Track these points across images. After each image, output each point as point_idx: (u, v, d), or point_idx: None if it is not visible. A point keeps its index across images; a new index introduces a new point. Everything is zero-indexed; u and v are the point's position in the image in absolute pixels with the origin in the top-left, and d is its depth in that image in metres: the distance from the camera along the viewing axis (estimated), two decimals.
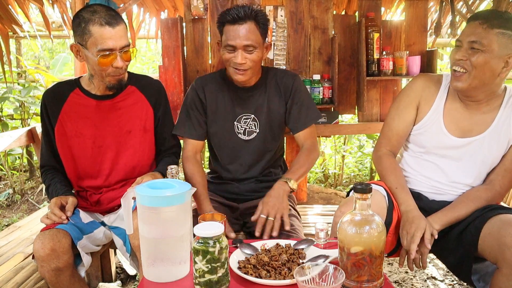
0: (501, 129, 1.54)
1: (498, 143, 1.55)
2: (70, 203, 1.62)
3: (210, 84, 1.84)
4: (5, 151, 4.21)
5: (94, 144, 1.69)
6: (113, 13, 1.54)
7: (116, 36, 1.51)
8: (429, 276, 2.53)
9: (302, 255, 1.26)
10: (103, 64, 1.53)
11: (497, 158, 1.58)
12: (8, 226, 2.66)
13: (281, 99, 1.83)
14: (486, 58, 1.42)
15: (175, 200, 1.12)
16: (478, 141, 1.56)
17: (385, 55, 2.39)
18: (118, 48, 1.53)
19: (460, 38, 1.48)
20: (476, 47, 1.42)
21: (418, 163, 1.68)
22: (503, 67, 1.44)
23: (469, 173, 1.60)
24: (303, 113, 1.82)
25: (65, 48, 7.19)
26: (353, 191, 1.07)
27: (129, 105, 1.71)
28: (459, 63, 1.47)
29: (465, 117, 1.58)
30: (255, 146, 1.84)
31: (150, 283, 1.15)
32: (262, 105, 1.82)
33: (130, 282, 2.49)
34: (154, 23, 3.78)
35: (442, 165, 1.62)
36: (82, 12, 1.54)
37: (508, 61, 1.44)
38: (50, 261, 1.47)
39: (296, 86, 1.83)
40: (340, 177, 4.41)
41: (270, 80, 1.83)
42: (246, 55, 1.65)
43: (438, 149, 1.62)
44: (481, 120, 1.56)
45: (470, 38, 1.43)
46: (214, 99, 1.83)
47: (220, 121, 1.84)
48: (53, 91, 1.72)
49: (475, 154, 1.57)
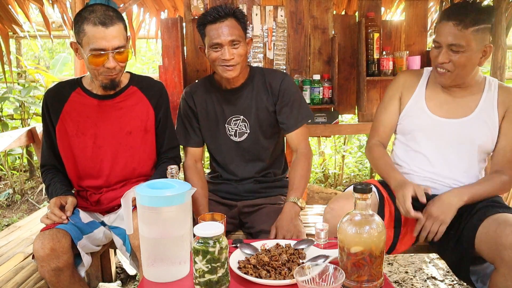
0: (487, 112, 1.59)
1: (487, 127, 1.59)
2: (69, 203, 1.62)
3: (198, 91, 1.86)
4: (5, 151, 4.21)
5: (94, 144, 1.69)
6: (111, 13, 1.54)
7: (109, 36, 1.50)
8: (429, 276, 2.53)
9: (302, 255, 1.26)
10: (94, 63, 1.53)
11: (487, 143, 1.60)
12: (8, 226, 2.66)
13: (269, 98, 1.81)
14: (467, 57, 1.50)
15: (175, 200, 1.12)
16: (464, 123, 1.60)
17: (385, 55, 2.39)
18: (111, 49, 1.52)
19: (437, 39, 1.53)
20: (455, 49, 1.49)
21: (409, 156, 1.70)
22: (481, 57, 1.53)
23: (462, 158, 1.61)
24: (294, 113, 1.80)
25: (65, 48, 7.19)
26: (353, 191, 1.07)
27: (130, 106, 1.71)
28: (442, 66, 1.54)
29: (447, 100, 1.64)
30: (248, 147, 1.84)
31: (150, 283, 1.15)
32: (250, 105, 1.81)
33: (130, 282, 2.49)
34: (154, 23, 3.78)
35: (431, 154, 1.64)
36: (82, 11, 1.55)
37: (485, 50, 1.52)
38: (50, 261, 1.47)
39: (285, 85, 1.81)
40: (340, 177, 4.41)
41: (258, 80, 1.83)
42: (232, 51, 1.67)
43: (424, 131, 1.65)
44: (464, 103, 1.62)
45: (448, 41, 1.50)
46: (203, 105, 1.84)
47: (212, 125, 1.85)
48: (54, 91, 1.73)
49: (463, 136, 1.60)
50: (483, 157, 1.65)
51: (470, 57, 1.50)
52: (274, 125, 1.85)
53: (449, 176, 1.63)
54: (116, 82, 1.63)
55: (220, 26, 1.66)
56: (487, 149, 1.63)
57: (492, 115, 1.59)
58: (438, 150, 1.64)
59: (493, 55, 2.71)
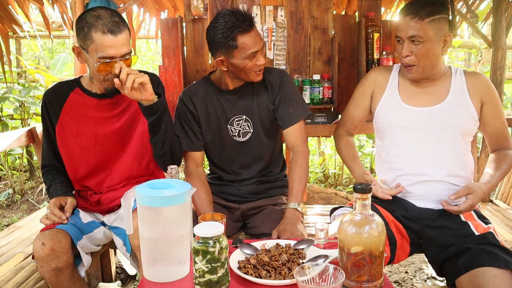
0: (460, 96, 1.64)
1: (462, 108, 1.62)
2: (69, 203, 1.62)
3: (197, 93, 1.83)
4: (5, 151, 4.21)
5: (95, 143, 1.69)
6: (118, 19, 1.53)
7: (117, 44, 1.50)
8: (429, 276, 2.53)
9: (302, 255, 1.26)
10: (102, 70, 1.53)
11: (466, 123, 1.63)
12: (8, 226, 2.66)
13: (269, 96, 1.81)
14: (427, 47, 1.56)
15: (175, 200, 1.12)
16: (440, 108, 1.63)
17: (385, 55, 2.39)
18: (119, 56, 1.52)
19: (399, 35, 1.61)
20: (415, 40, 1.55)
21: (392, 152, 1.70)
22: (442, 46, 1.59)
23: (444, 143, 1.62)
24: (291, 108, 1.80)
25: (65, 48, 7.20)
26: (353, 191, 1.07)
27: (128, 102, 1.71)
28: (406, 60, 1.60)
29: (419, 91, 1.69)
30: (252, 147, 1.83)
31: (150, 283, 1.15)
32: (252, 104, 1.81)
33: (130, 282, 2.49)
34: (154, 23, 3.78)
35: (413, 145, 1.65)
36: (86, 15, 1.52)
37: (446, 39, 1.58)
38: (49, 261, 1.48)
39: (284, 82, 1.81)
40: (340, 177, 4.41)
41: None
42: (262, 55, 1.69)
43: (401, 122, 1.67)
44: (435, 92, 1.67)
45: (407, 33, 1.56)
46: (204, 107, 1.82)
47: (214, 127, 1.83)
48: (53, 91, 1.72)
49: (441, 120, 1.63)
50: (467, 139, 1.66)
51: (431, 47, 1.56)
52: (274, 123, 1.85)
53: (436, 164, 1.62)
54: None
55: (253, 35, 1.63)
56: (468, 130, 1.64)
57: (465, 98, 1.63)
58: (419, 139, 1.64)
59: (493, 55, 2.72)
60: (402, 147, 1.67)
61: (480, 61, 5.82)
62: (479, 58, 5.84)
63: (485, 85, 1.65)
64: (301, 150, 1.80)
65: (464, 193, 1.53)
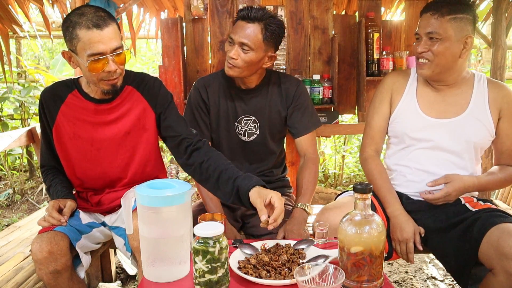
0: (479, 109, 1.59)
1: (481, 123, 1.58)
2: (67, 207, 1.59)
3: (212, 85, 1.84)
4: (5, 151, 4.21)
5: (92, 147, 1.65)
6: (102, 13, 1.45)
7: (105, 38, 1.41)
8: (429, 276, 2.53)
9: (302, 255, 1.26)
10: (94, 69, 1.45)
11: (483, 140, 1.60)
12: (8, 226, 2.66)
13: (283, 103, 1.83)
14: (446, 45, 1.50)
15: (175, 200, 1.12)
16: (457, 122, 1.59)
17: (385, 55, 2.39)
18: (109, 51, 1.44)
19: (418, 31, 1.56)
20: (434, 37, 1.50)
21: (402, 159, 1.69)
22: (462, 48, 1.52)
23: (457, 158, 1.60)
24: (305, 118, 1.83)
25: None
26: (353, 191, 1.07)
27: (127, 106, 1.66)
28: (422, 56, 1.55)
29: (438, 99, 1.63)
30: (255, 148, 1.84)
31: (150, 283, 1.15)
32: (264, 107, 1.82)
33: (130, 282, 2.49)
34: (154, 23, 3.78)
35: (425, 156, 1.63)
36: (70, 15, 1.44)
37: (466, 42, 1.52)
38: (48, 263, 1.46)
39: (300, 92, 1.85)
40: (340, 177, 4.41)
41: (273, 84, 1.84)
42: (239, 52, 1.66)
43: (417, 132, 1.63)
44: (455, 102, 1.61)
45: (426, 30, 1.52)
46: (216, 100, 1.83)
47: (222, 122, 1.84)
48: (51, 91, 1.66)
49: (457, 135, 1.59)
50: (479, 154, 1.65)
51: (449, 47, 1.50)
52: (282, 130, 1.88)
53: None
54: (118, 86, 1.56)
55: (243, 26, 1.65)
56: (482, 146, 1.63)
57: (484, 111, 1.59)
58: (432, 151, 1.63)
59: (493, 55, 2.71)
60: (412, 157, 1.66)
61: (480, 61, 5.81)
62: (479, 58, 5.83)
63: (507, 99, 1.59)
64: (313, 157, 1.82)
65: (442, 182, 1.53)
